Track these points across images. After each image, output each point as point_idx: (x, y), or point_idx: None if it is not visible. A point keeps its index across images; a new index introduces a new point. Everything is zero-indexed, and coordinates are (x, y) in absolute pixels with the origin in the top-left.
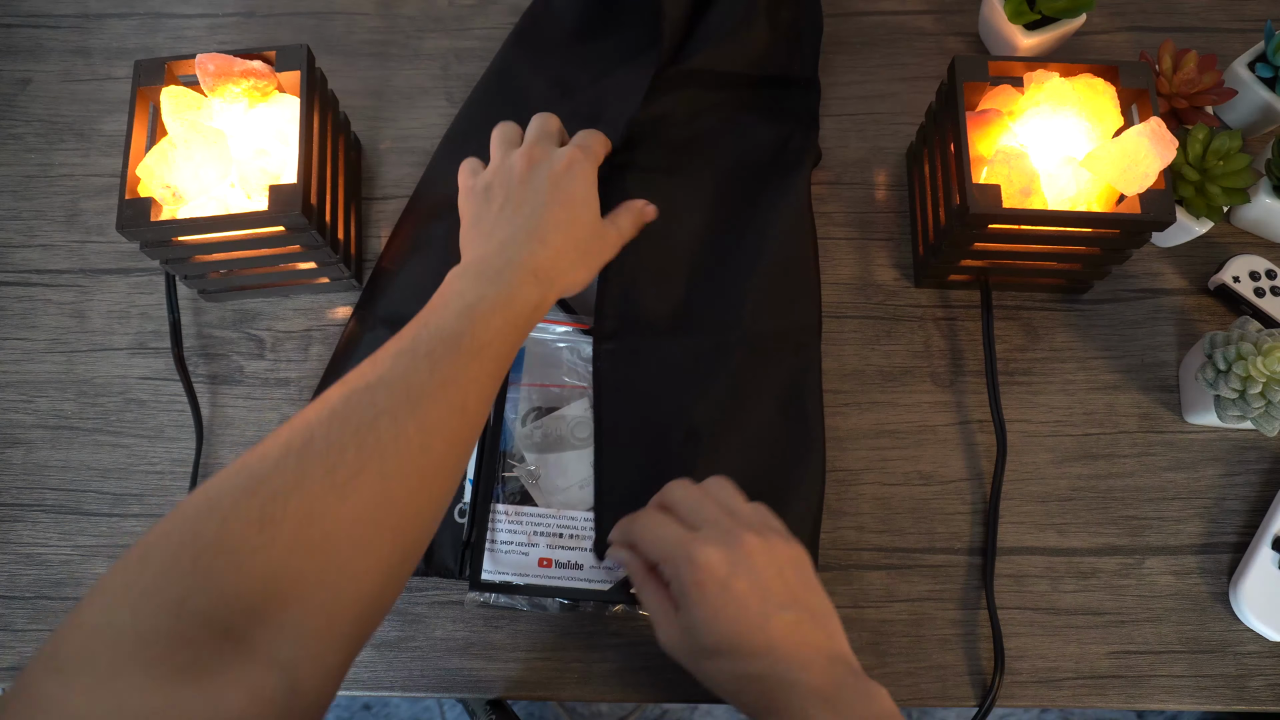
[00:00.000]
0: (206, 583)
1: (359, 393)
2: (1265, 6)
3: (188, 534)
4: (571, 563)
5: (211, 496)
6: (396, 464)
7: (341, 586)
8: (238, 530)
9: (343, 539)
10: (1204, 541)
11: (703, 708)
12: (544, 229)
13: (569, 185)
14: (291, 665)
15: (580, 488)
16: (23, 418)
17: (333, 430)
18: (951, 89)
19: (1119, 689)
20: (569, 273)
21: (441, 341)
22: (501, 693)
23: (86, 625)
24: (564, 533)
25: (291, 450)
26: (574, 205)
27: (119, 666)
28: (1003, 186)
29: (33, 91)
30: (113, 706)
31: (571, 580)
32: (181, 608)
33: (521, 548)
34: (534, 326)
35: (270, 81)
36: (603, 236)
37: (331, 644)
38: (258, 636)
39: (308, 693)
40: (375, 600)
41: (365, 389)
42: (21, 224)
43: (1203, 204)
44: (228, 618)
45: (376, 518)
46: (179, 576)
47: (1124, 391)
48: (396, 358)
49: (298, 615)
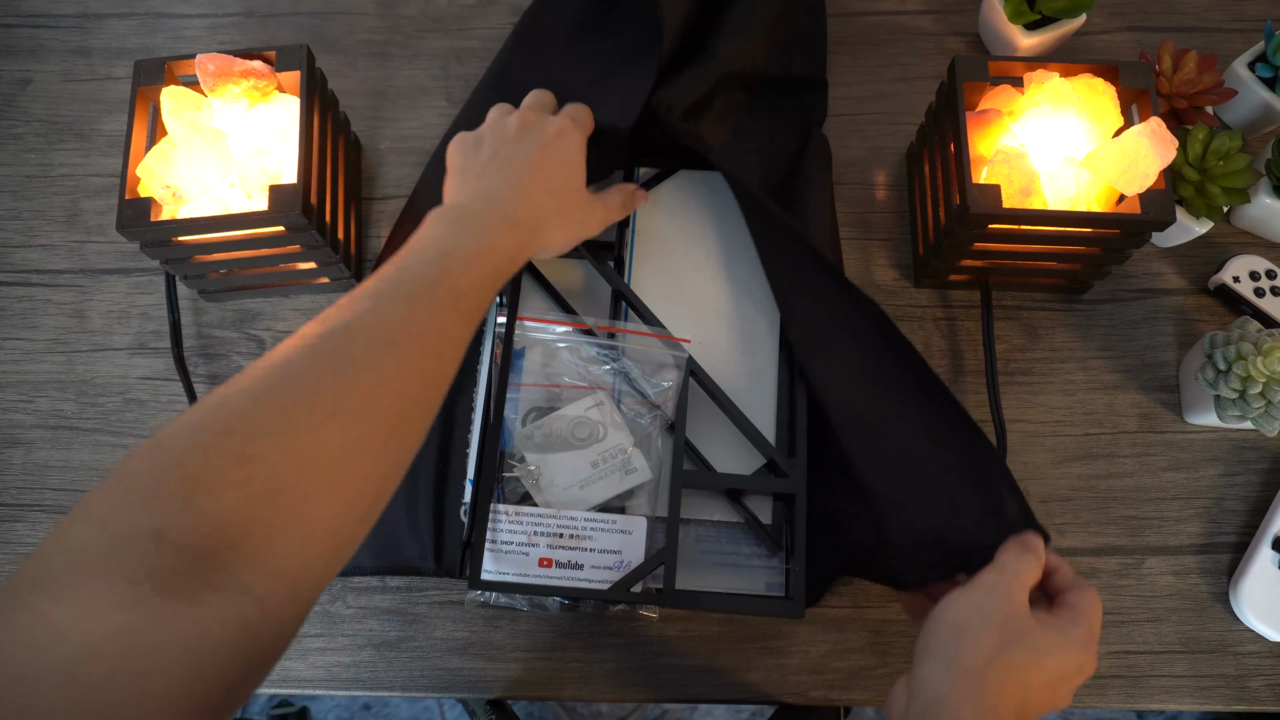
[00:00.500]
0: (187, 513)
1: (338, 333)
2: (1265, 6)
3: (172, 462)
4: (572, 563)
5: (195, 429)
6: (372, 406)
7: (315, 525)
8: (219, 465)
9: (319, 478)
10: (1204, 541)
11: (702, 708)
12: (529, 184)
13: (559, 150)
14: (263, 597)
15: (581, 487)
16: (23, 418)
17: (311, 369)
18: (951, 89)
19: (1119, 689)
20: (549, 231)
21: (419, 287)
22: (501, 693)
23: (71, 545)
24: (564, 533)
25: (271, 388)
26: (562, 169)
27: (102, 586)
28: (1003, 186)
29: (33, 91)
30: (96, 621)
31: (571, 580)
32: (163, 535)
33: (522, 548)
34: (511, 275)
35: (270, 81)
36: (588, 207)
37: (303, 579)
38: (233, 568)
39: (277, 623)
40: (347, 538)
41: (344, 329)
42: (21, 224)
43: (1203, 204)
44: (205, 548)
45: (350, 459)
46: (161, 505)
47: (1124, 391)
48: (374, 299)
49: (271, 550)
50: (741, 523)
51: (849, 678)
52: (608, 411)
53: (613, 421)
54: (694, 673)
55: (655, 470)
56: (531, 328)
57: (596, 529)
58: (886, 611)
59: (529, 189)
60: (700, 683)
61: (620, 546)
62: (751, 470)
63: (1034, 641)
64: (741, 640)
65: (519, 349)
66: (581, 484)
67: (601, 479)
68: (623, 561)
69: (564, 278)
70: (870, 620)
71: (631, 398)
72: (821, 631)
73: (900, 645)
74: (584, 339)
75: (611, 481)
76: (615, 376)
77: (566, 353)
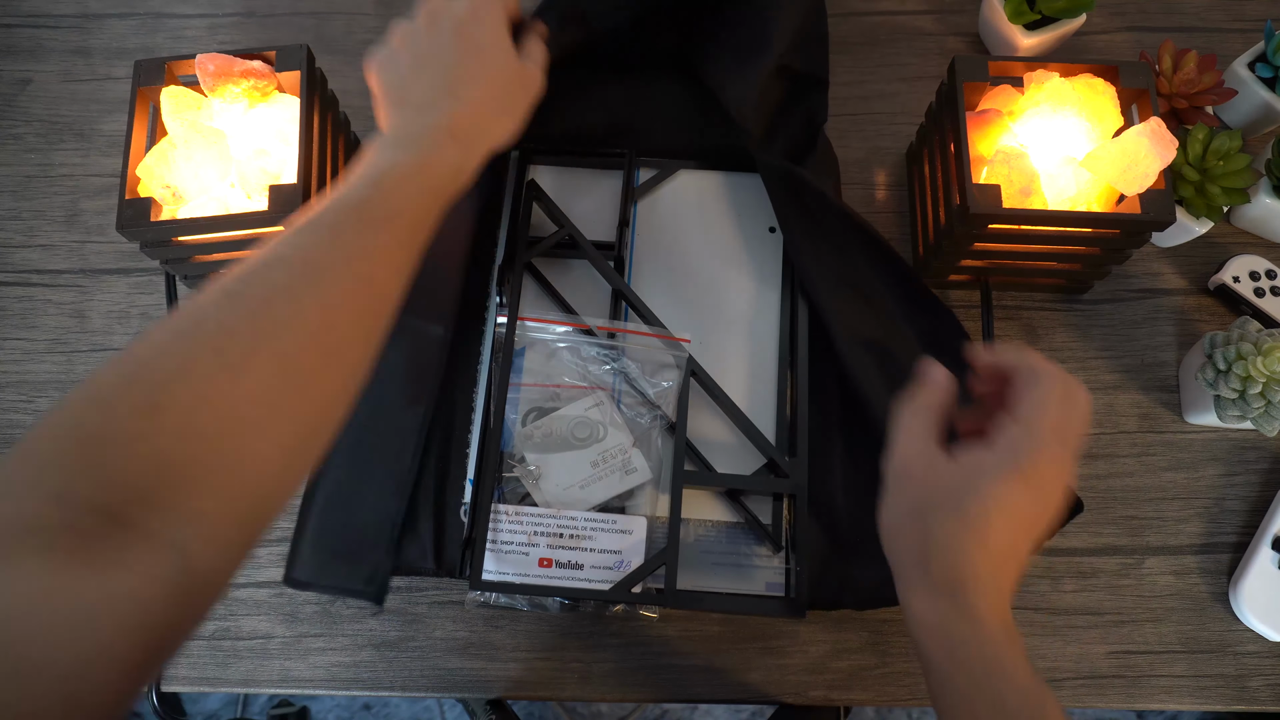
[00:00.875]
0: (92, 472)
1: (255, 272)
2: (1265, 6)
3: (71, 424)
4: (572, 563)
5: (97, 386)
6: (294, 343)
7: (236, 470)
8: (123, 418)
9: (237, 421)
10: (1204, 541)
11: (702, 708)
12: (457, 84)
13: (476, 32)
14: (184, 546)
15: (581, 487)
16: (23, 418)
17: (224, 311)
18: (951, 89)
19: (1119, 689)
20: (492, 129)
21: (346, 211)
22: (501, 693)
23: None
24: (564, 532)
25: (180, 334)
26: (486, 52)
27: (7, 555)
28: (1003, 186)
29: (33, 91)
30: (8, 593)
31: (572, 580)
32: (67, 497)
33: (522, 548)
34: (459, 193)
35: (270, 81)
36: (522, 77)
37: (227, 525)
38: (149, 521)
39: (204, 571)
40: (275, 481)
41: (262, 266)
42: (21, 224)
43: (1203, 204)
44: (116, 505)
45: (272, 399)
46: (64, 467)
47: (1124, 391)
48: (297, 233)
49: (189, 499)
50: (741, 523)
51: (849, 678)
52: (608, 411)
53: (613, 421)
54: (694, 673)
55: (655, 470)
56: (532, 328)
57: (596, 529)
58: (886, 611)
59: (459, 91)
60: (700, 683)
61: (620, 546)
62: (751, 470)
63: (950, 498)
64: (741, 640)
65: (519, 349)
66: (581, 484)
67: (601, 479)
68: (622, 561)
69: (564, 278)
70: (870, 620)
71: (632, 397)
72: (821, 631)
73: (900, 645)
74: (584, 339)
75: (611, 481)
76: (615, 376)
77: (567, 352)
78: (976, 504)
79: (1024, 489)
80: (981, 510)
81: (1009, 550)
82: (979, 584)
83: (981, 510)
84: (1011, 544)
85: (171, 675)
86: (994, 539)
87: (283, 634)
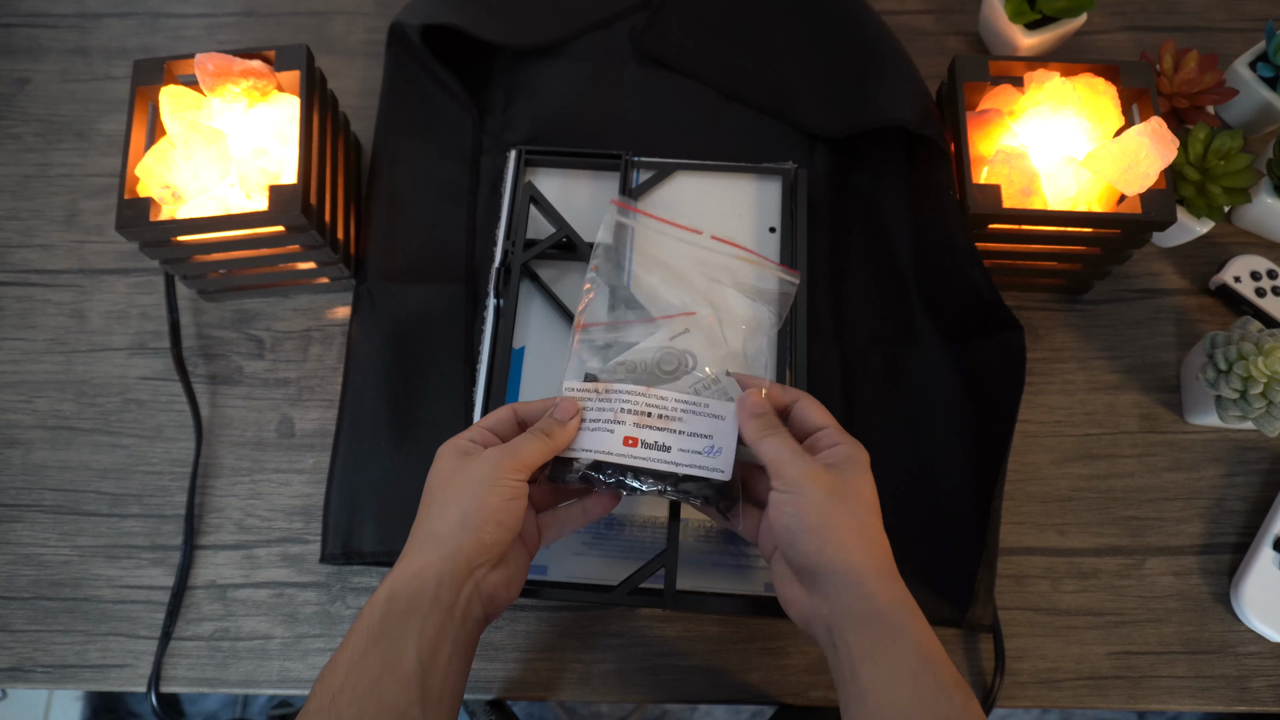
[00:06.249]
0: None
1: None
2: (1265, 6)
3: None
4: (659, 444)
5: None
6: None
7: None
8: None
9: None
10: (1205, 542)
11: (702, 708)
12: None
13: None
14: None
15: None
16: (22, 418)
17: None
18: (952, 89)
19: (1120, 690)
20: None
21: None
22: (501, 693)
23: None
24: (653, 412)
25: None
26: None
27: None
28: (1003, 186)
29: (32, 91)
30: None
31: (659, 462)
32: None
33: (607, 424)
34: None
35: (270, 81)
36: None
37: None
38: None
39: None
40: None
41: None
42: (21, 224)
43: (1203, 204)
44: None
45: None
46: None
47: (1124, 392)
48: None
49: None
50: None
51: None
52: (700, 334)
53: (711, 339)
54: (694, 673)
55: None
56: (643, 221)
57: (687, 411)
58: None
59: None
60: (700, 683)
61: (711, 430)
62: None
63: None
64: (741, 640)
65: (519, 348)
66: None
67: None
68: (713, 447)
69: (561, 280)
70: None
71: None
72: None
73: None
74: (693, 237)
75: None
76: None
77: (679, 254)
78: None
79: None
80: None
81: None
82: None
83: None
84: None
85: (171, 676)
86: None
87: (282, 634)
